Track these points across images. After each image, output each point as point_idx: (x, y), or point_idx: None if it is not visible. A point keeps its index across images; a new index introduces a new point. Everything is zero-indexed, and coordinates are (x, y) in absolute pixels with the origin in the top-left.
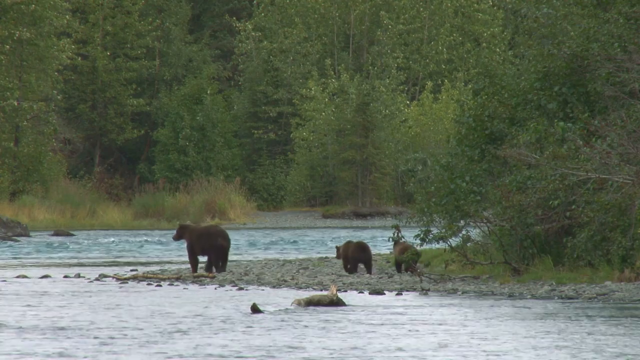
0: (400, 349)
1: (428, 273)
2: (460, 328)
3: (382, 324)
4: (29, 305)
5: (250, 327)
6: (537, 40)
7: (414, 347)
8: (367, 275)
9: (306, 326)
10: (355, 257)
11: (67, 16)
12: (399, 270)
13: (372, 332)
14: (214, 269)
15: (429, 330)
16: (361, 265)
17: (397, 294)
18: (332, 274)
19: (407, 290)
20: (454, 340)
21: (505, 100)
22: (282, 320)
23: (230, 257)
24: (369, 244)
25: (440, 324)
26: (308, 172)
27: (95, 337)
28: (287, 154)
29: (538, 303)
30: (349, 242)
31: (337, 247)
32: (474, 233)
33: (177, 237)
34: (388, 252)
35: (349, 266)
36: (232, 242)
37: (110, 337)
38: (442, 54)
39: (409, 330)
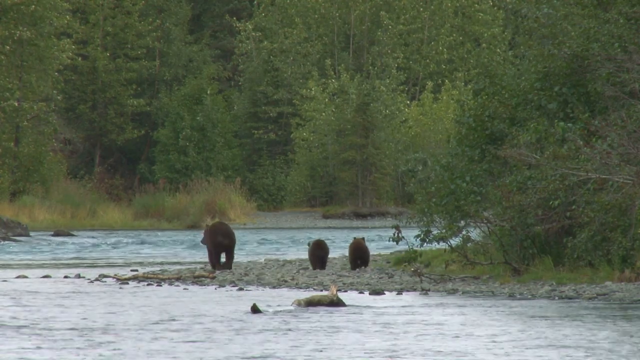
0: (400, 349)
1: (428, 273)
2: (460, 328)
3: (382, 324)
4: (29, 306)
5: (250, 327)
6: (538, 40)
7: (414, 347)
8: (367, 275)
9: (306, 326)
10: (313, 254)
11: (67, 16)
12: (352, 267)
13: (372, 332)
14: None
15: (429, 330)
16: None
17: (397, 294)
18: (332, 274)
19: (407, 291)
20: (454, 340)
21: (506, 101)
22: (282, 321)
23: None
24: (369, 244)
25: (440, 324)
26: (308, 173)
27: (95, 338)
28: (287, 154)
29: (538, 303)
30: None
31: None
32: (474, 233)
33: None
34: (389, 252)
35: (314, 263)
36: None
37: (110, 338)
38: (442, 54)
39: (409, 331)
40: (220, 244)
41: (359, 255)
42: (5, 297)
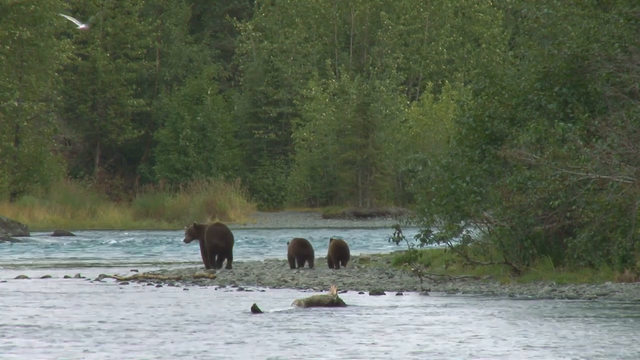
0: (400, 350)
1: (428, 273)
2: (460, 328)
3: (382, 325)
4: (29, 306)
5: (250, 327)
6: (538, 40)
7: (414, 347)
8: (367, 275)
9: (306, 327)
10: (297, 253)
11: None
12: (330, 266)
13: (372, 332)
14: (220, 267)
15: (429, 330)
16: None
17: (397, 294)
18: (333, 274)
19: (408, 291)
20: (454, 340)
21: (506, 101)
22: (283, 321)
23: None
24: (368, 244)
25: (440, 325)
26: (308, 173)
27: (95, 338)
28: (288, 154)
29: (538, 303)
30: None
31: (288, 243)
32: (475, 233)
33: (191, 238)
34: (389, 252)
35: (295, 262)
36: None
37: (110, 338)
38: (442, 55)
39: (409, 331)
40: (216, 247)
41: (341, 255)
42: (6, 297)
